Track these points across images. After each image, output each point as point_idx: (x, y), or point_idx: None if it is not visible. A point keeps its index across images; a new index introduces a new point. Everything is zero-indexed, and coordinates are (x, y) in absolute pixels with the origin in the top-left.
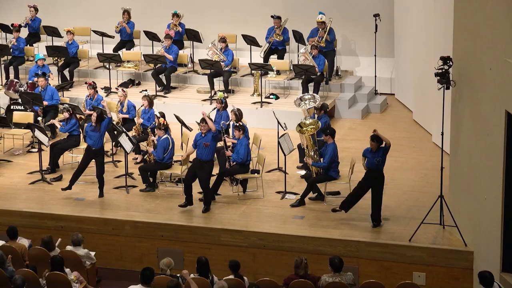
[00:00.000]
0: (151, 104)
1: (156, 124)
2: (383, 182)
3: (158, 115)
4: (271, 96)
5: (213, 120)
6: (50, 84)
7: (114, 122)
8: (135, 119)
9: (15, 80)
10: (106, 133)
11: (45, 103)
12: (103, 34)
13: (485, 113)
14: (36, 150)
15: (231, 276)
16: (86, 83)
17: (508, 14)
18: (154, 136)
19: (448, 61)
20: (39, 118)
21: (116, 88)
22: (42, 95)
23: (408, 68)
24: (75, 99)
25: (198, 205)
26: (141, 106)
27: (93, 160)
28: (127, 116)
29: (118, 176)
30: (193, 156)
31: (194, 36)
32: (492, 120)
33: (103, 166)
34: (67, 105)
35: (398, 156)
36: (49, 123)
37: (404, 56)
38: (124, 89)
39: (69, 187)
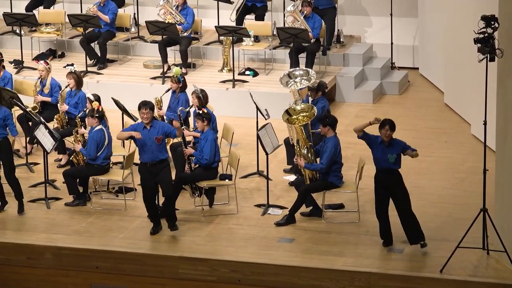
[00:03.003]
0: (79, 84)
1: (88, 110)
2: (402, 184)
3: (92, 97)
4: (247, 72)
5: (168, 106)
6: None
7: (29, 109)
8: (58, 105)
9: None
10: (18, 125)
11: None
12: None
13: None
14: None
15: None
16: None
17: None
18: (85, 128)
19: (492, 22)
20: None
21: (35, 61)
22: None
23: (437, 32)
24: None
25: (148, 224)
26: (66, 86)
27: None
28: (49, 99)
29: (35, 185)
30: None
31: None
32: None
33: (11, 163)
34: None
35: (424, 155)
36: None
37: (432, 16)
38: (48, 61)
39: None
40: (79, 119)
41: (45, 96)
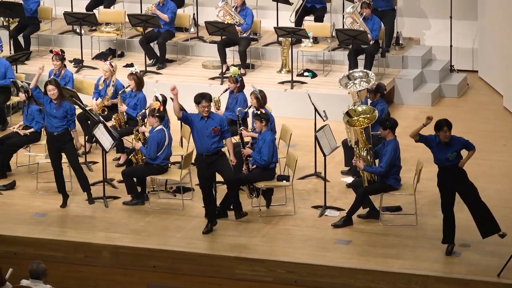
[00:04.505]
0: (139, 85)
1: (149, 109)
2: (467, 180)
3: (160, 97)
4: (305, 74)
5: (226, 106)
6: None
7: (88, 108)
8: (118, 104)
9: None
10: (78, 124)
11: None
12: None
13: None
14: None
15: None
16: (51, 51)
17: None
18: (145, 127)
19: None
20: None
21: (102, 60)
22: None
23: (497, 35)
24: (33, 76)
25: (205, 224)
26: (126, 87)
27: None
28: (116, 101)
29: (93, 184)
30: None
31: None
32: None
33: (76, 155)
34: (26, 83)
35: (482, 159)
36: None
37: (492, 19)
38: (112, 63)
39: (65, 199)
40: (140, 117)
41: (113, 99)
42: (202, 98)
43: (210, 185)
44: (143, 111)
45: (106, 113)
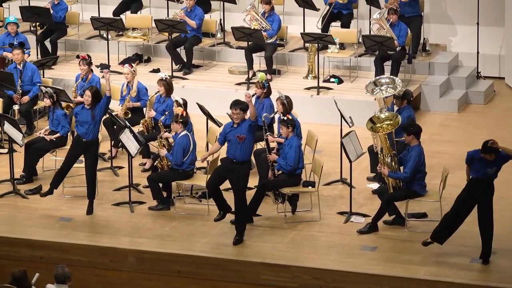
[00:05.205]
0: (169, 91)
1: (172, 116)
2: (492, 196)
3: (180, 101)
4: (332, 80)
5: None
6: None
7: (115, 113)
8: (145, 110)
9: None
10: (103, 127)
11: (25, 98)
12: None
13: None
14: (5, 151)
15: None
16: (78, 56)
17: None
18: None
19: None
20: (15, 107)
21: (121, 65)
22: (19, 74)
23: None
24: (60, 80)
25: (230, 230)
26: (156, 93)
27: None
28: (138, 104)
29: (119, 189)
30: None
31: None
32: None
33: (95, 167)
34: (50, 88)
35: (508, 165)
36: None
37: None
38: (133, 64)
39: (50, 191)
40: (161, 123)
41: (132, 101)
42: (234, 105)
43: (215, 187)
44: (163, 116)
45: (129, 116)
